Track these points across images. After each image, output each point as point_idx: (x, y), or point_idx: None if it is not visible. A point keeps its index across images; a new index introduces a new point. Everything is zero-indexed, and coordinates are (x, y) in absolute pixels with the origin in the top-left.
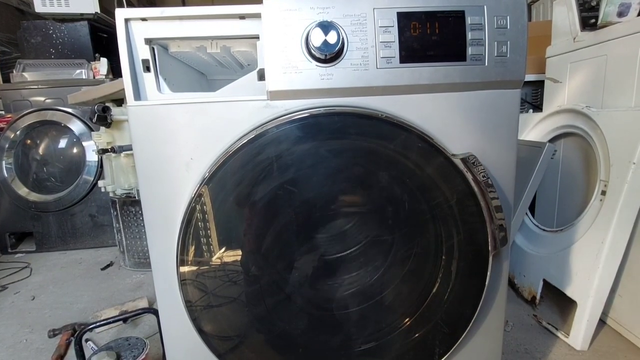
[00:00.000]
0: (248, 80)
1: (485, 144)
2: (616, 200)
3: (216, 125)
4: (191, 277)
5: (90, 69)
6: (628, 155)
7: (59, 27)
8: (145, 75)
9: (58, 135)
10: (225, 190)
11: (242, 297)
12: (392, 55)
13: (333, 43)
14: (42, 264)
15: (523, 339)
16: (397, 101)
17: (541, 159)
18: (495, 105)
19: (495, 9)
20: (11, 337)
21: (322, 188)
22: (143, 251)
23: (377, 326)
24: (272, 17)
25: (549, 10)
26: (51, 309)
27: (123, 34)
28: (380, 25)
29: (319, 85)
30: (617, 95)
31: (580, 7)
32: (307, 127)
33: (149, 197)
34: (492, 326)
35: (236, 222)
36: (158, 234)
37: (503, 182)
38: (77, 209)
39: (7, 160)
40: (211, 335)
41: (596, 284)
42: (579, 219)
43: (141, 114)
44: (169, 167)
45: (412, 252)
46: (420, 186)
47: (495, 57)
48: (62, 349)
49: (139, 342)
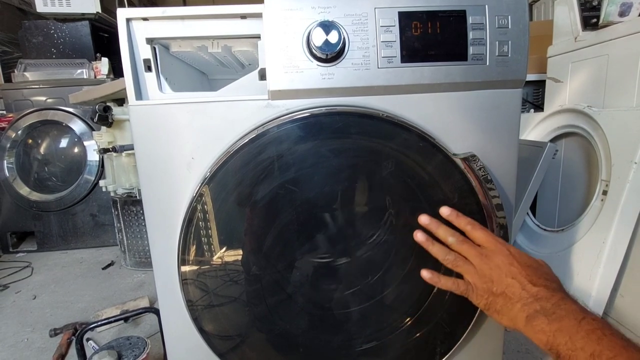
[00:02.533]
0: (249, 79)
1: (486, 143)
2: (617, 200)
3: (217, 125)
4: (192, 277)
5: (92, 69)
6: (629, 155)
7: (60, 26)
8: (146, 74)
9: (59, 135)
10: (226, 190)
11: (243, 297)
12: (393, 55)
13: (334, 43)
14: (43, 264)
15: (524, 339)
16: (398, 101)
17: (542, 158)
18: (496, 105)
19: (496, 8)
20: (12, 336)
21: (323, 187)
22: (144, 250)
23: (378, 326)
24: (273, 17)
25: (550, 10)
26: (52, 308)
27: (124, 34)
28: (381, 24)
29: (320, 84)
30: (618, 95)
31: (581, 6)
32: (308, 127)
33: (150, 196)
34: (493, 326)
35: (237, 222)
36: (159, 233)
37: (504, 181)
38: (78, 209)
39: (8, 160)
40: (212, 334)
41: (597, 284)
42: (580, 219)
43: (142, 114)
44: (170, 166)
45: (413, 251)
46: (421, 185)
47: (496, 57)
48: (63, 348)
49: (140, 341)
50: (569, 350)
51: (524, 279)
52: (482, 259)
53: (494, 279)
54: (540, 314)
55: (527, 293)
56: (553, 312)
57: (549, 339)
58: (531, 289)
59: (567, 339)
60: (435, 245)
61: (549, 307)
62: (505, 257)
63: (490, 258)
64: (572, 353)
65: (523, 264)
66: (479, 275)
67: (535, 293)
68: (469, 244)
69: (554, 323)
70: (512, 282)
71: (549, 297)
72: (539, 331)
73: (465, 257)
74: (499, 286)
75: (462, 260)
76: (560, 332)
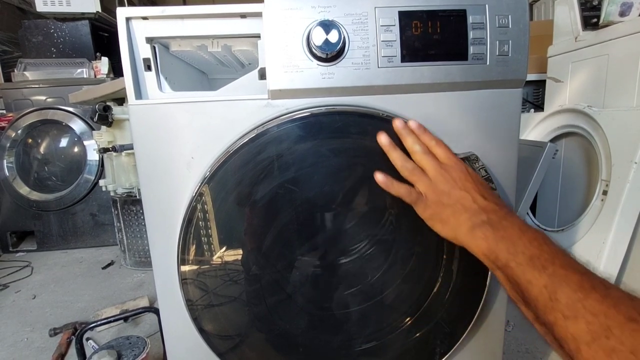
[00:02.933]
0: (249, 79)
1: (486, 143)
2: (617, 200)
3: (217, 124)
4: (192, 276)
5: (91, 68)
6: (630, 155)
7: (60, 26)
8: (146, 74)
9: (59, 134)
10: (226, 190)
11: (243, 297)
12: (394, 54)
13: (334, 42)
14: (43, 263)
15: (524, 339)
16: (398, 100)
17: (542, 158)
18: (496, 105)
19: (496, 8)
20: (12, 335)
21: (322, 187)
22: (144, 250)
23: (378, 325)
24: (273, 16)
25: (550, 10)
26: (52, 308)
27: (124, 33)
28: (381, 24)
29: (320, 84)
30: (618, 94)
31: (581, 6)
32: (308, 126)
33: (150, 196)
34: (493, 326)
35: (237, 221)
36: (159, 233)
37: (504, 181)
38: (78, 208)
39: (8, 159)
40: (212, 334)
41: None
42: (580, 219)
43: (142, 113)
44: (170, 166)
45: (413, 251)
46: None
47: (496, 57)
48: (63, 348)
49: (139, 341)
50: (509, 254)
51: (476, 193)
52: (440, 171)
53: (447, 191)
54: (486, 224)
55: (477, 205)
56: (499, 222)
57: (490, 245)
58: (482, 202)
59: (510, 244)
60: (397, 151)
61: (496, 218)
62: (462, 172)
63: (448, 171)
64: (512, 257)
65: (477, 181)
66: (432, 187)
67: (485, 206)
68: (431, 156)
69: (498, 231)
70: (465, 195)
71: (497, 211)
72: (481, 239)
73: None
74: (450, 197)
75: (419, 171)
76: (504, 240)
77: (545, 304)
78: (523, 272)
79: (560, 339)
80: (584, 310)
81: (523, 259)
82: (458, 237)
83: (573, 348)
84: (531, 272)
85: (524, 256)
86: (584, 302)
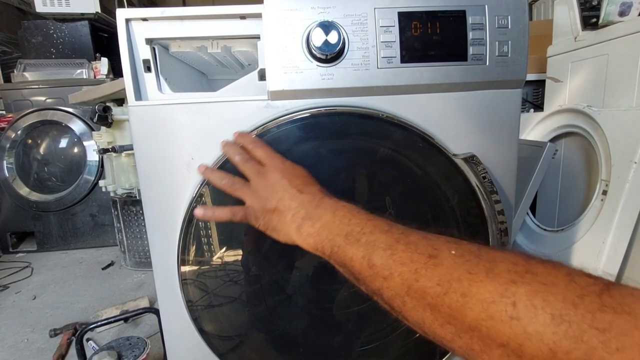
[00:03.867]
0: (249, 80)
1: (486, 143)
2: (617, 200)
3: (217, 125)
4: (192, 277)
5: (91, 69)
6: (629, 155)
7: (60, 26)
8: (146, 75)
9: (59, 135)
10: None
11: (243, 297)
12: (393, 55)
13: (334, 43)
14: (43, 264)
15: None
16: (397, 101)
17: (542, 158)
18: (496, 105)
19: (496, 8)
20: (12, 336)
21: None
22: (144, 251)
23: (378, 326)
24: (272, 17)
25: (549, 10)
26: (52, 309)
27: (124, 34)
28: (381, 25)
29: (319, 85)
30: (618, 94)
31: (581, 6)
32: (307, 127)
33: (150, 196)
34: None
35: (237, 222)
36: (159, 233)
37: (504, 181)
38: (78, 209)
39: (8, 160)
40: (212, 334)
41: None
42: (580, 219)
43: (142, 114)
44: (170, 166)
45: None
46: (422, 186)
47: (496, 57)
48: (63, 349)
49: (139, 341)
50: (329, 241)
51: (293, 189)
52: (258, 177)
53: (267, 196)
54: (306, 220)
55: (295, 202)
56: (315, 212)
57: (315, 239)
58: (299, 197)
59: (327, 231)
60: (214, 173)
61: (312, 209)
62: (279, 172)
63: (266, 175)
64: (332, 242)
65: (293, 175)
66: (255, 195)
67: (302, 200)
68: (251, 163)
69: (316, 222)
70: (283, 195)
71: (312, 200)
72: (307, 236)
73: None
74: (271, 202)
75: (240, 183)
76: (323, 228)
77: (368, 273)
78: (344, 252)
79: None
80: (395, 264)
81: (340, 240)
82: (294, 240)
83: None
84: (350, 249)
85: (340, 237)
86: (394, 257)
